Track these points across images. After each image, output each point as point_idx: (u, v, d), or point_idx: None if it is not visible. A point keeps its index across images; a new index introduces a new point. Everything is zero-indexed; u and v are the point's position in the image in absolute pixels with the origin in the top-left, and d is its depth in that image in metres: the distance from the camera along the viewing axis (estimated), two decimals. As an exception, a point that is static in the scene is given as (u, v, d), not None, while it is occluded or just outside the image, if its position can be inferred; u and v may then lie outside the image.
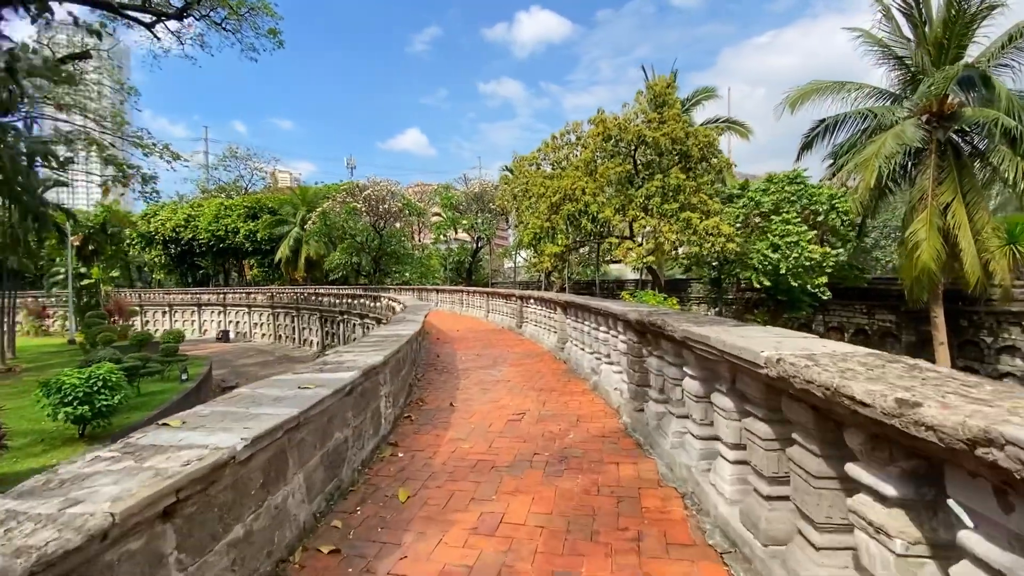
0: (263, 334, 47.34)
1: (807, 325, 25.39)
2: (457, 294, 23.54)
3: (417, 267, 38.07)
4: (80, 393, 12.74)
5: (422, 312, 11.31)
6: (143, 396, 18.44)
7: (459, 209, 36.59)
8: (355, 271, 41.81)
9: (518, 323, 14.73)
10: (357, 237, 38.35)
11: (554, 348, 10.61)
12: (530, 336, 13.19)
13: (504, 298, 16.69)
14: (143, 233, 55.96)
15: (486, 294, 18.86)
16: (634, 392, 5.36)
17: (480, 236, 35.57)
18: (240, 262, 59.34)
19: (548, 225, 19.71)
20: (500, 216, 34.80)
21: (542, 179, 20.46)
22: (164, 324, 54.39)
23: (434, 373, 8.86)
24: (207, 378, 23.60)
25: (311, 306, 39.52)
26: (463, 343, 13.08)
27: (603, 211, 18.16)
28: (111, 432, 14.22)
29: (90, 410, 12.85)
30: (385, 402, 5.32)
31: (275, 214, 50.84)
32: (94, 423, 13.56)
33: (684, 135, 18.90)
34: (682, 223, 17.60)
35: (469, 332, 15.75)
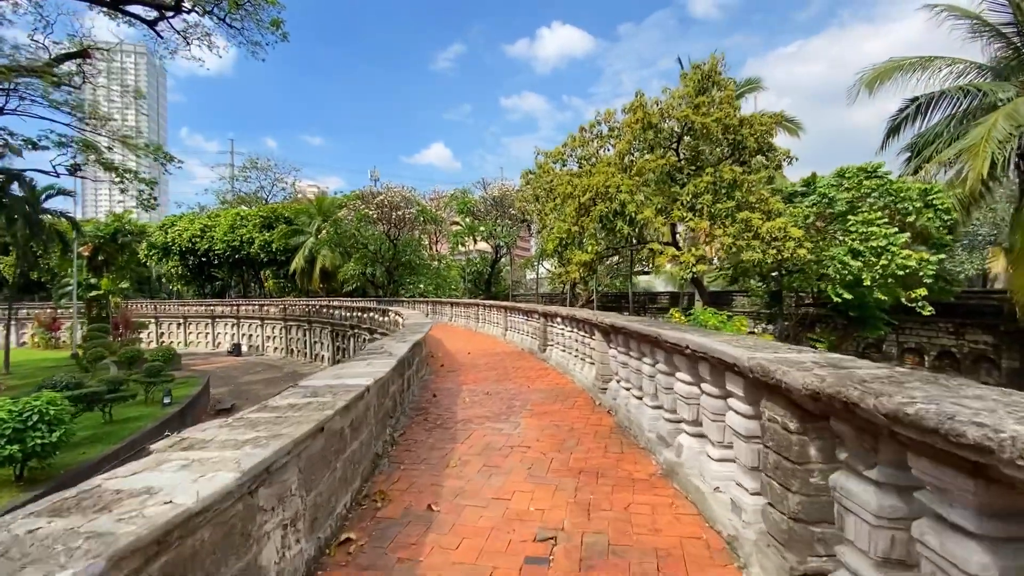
0: (275, 348, 45.63)
1: (876, 346, 21.91)
2: (472, 308, 20.91)
3: (433, 278, 35.66)
4: (8, 430, 10.47)
5: (415, 334, 8.69)
6: (115, 424, 16.28)
7: (477, 215, 34.03)
8: (370, 282, 39.70)
9: (541, 345, 11.97)
10: (370, 246, 36.24)
11: (591, 386, 7.82)
12: (556, 364, 10.41)
13: (525, 314, 13.98)
14: (161, 244, 55.33)
15: (504, 309, 16.18)
16: (786, 528, 2.57)
17: (500, 244, 32.81)
18: (257, 273, 58.21)
19: (576, 230, 16.98)
20: (522, 223, 32.19)
21: (569, 177, 17.79)
22: (179, 336, 53.36)
23: (421, 429, 6.16)
24: (197, 400, 21.44)
25: (323, 319, 37.53)
26: (472, 373, 10.37)
27: (642, 212, 15.35)
28: (54, 474, 11.94)
29: (20, 450, 10.56)
30: (280, 539, 2.66)
31: (291, 224, 49.43)
32: (30, 464, 11.29)
33: (738, 123, 16.01)
34: (739, 225, 14.64)
35: (482, 356, 13.05)
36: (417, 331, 9.22)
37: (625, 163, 16.92)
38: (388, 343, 6.98)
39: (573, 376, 9.03)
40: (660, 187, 16.31)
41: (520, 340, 14.52)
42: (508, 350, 14.10)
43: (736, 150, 16.43)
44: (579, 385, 8.46)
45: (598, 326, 7.29)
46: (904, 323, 19.76)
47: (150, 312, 54.04)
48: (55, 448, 11.14)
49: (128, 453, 13.44)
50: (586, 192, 16.42)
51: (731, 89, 16.11)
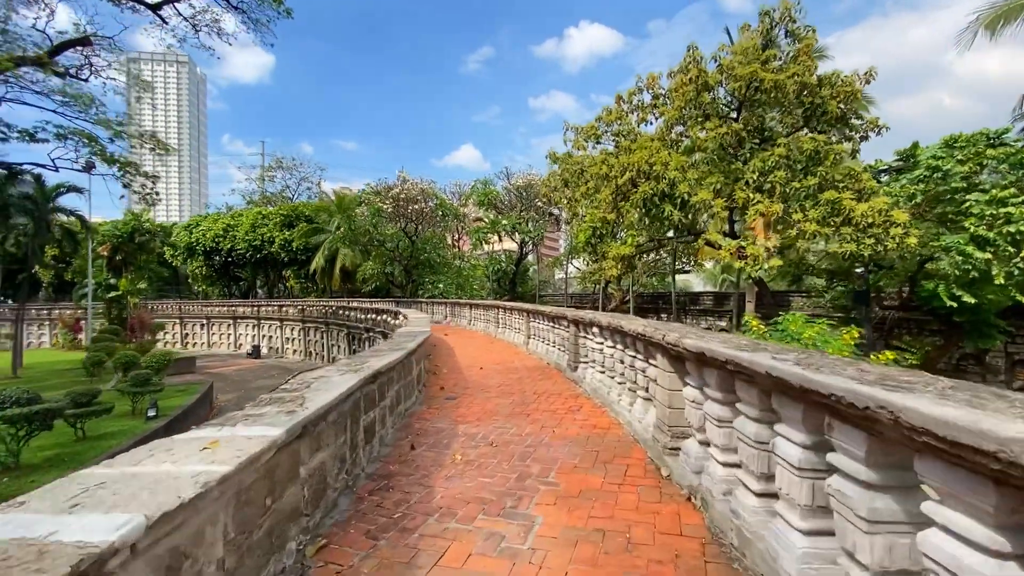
0: (295, 350, 44.22)
1: (976, 357, 18.19)
2: (492, 311, 18.29)
3: (454, 277, 33.22)
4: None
5: (394, 351, 6.12)
6: (87, 442, 14.38)
7: (499, 207, 31.28)
8: (390, 282, 37.63)
9: (572, 362, 9.23)
10: (387, 244, 34.11)
11: (650, 440, 5.07)
12: (592, 391, 7.66)
13: (551, 321, 11.26)
14: (185, 244, 55.00)
15: (526, 313, 13.49)
16: None
17: (525, 239, 29.95)
18: (279, 273, 57.31)
19: (612, 217, 14.16)
20: (549, 217, 29.41)
21: (604, 156, 14.96)
22: (202, 338, 52.81)
23: (360, 534, 3.52)
24: (192, 411, 19.55)
25: (339, 321, 35.68)
26: (479, 401, 7.72)
27: (696, 193, 12.40)
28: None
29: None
30: None
31: (311, 222, 48.04)
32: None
33: (816, 82, 12.87)
34: (823, 208, 11.52)
35: (496, 373, 10.40)
36: (398, 348, 6.65)
37: (672, 137, 13.99)
38: (322, 377, 4.39)
39: (618, 414, 6.27)
40: (717, 164, 13.32)
41: (545, 352, 11.80)
42: (530, 364, 11.40)
43: (812, 117, 13.26)
44: (628, 432, 5.70)
45: (665, 348, 4.51)
46: (1021, 330, 16.09)
47: (174, 313, 53.72)
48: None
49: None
50: (625, 172, 13.57)
51: (810, 39, 12.93)
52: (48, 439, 14.11)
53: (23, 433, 11.78)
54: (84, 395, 14.04)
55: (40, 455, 13.03)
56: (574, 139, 15.94)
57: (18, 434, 11.75)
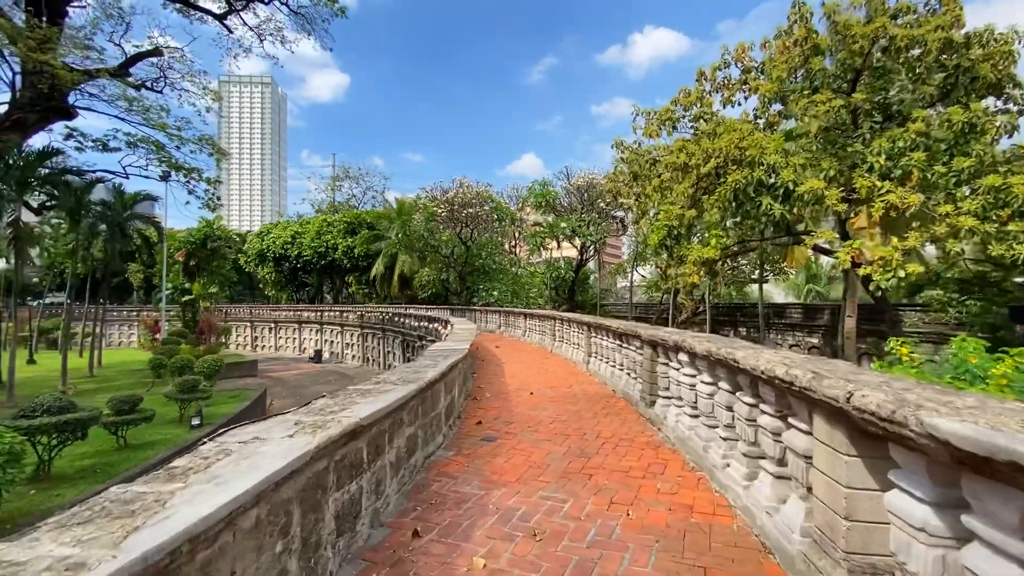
0: (353, 356, 44.49)
1: None
2: (548, 322, 16.45)
3: (509, 284, 31.67)
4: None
5: (407, 384, 4.43)
6: (127, 450, 13.97)
7: (558, 210, 29.28)
8: (444, 288, 36.76)
9: (647, 393, 7.20)
10: (441, 250, 33.18)
11: (796, 553, 3.02)
12: (678, 440, 5.62)
13: (618, 338, 9.26)
14: (257, 251, 57.51)
15: (587, 327, 11.52)
16: None
17: (586, 243, 27.67)
18: (342, 279, 58.57)
19: (691, 215, 11.92)
20: (612, 220, 27.09)
21: (681, 144, 12.76)
22: (270, 341, 54.75)
23: None
24: (239, 419, 19.14)
25: (395, 328, 35.21)
26: (524, 447, 5.89)
27: (802, 181, 9.96)
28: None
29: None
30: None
31: (373, 229, 48.53)
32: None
33: (963, 40, 10.07)
34: (985, 198, 8.74)
35: (550, 401, 8.54)
36: (413, 378, 4.98)
37: (769, 117, 11.61)
38: (245, 445, 2.76)
39: (725, 489, 4.22)
40: (827, 147, 10.76)
41: (610, 375, 9.79)
42: (591, 390, 9.43)
43: (957, 85, 10.39)
44: (748, 525, 3.66)
45: (840, 412, 2.48)
46: None
47: (246, 316, 56.18)
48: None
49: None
50: (709, 159, 11.32)
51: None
52: (89, 446, 13.84)
53: (55, 443, 11.33)
54: (126, 402, 13.66)
55: (76, 464, 12.65)
56: (645, 126, 13.84)
57: (50, 444, 11.31)
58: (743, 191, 10.47)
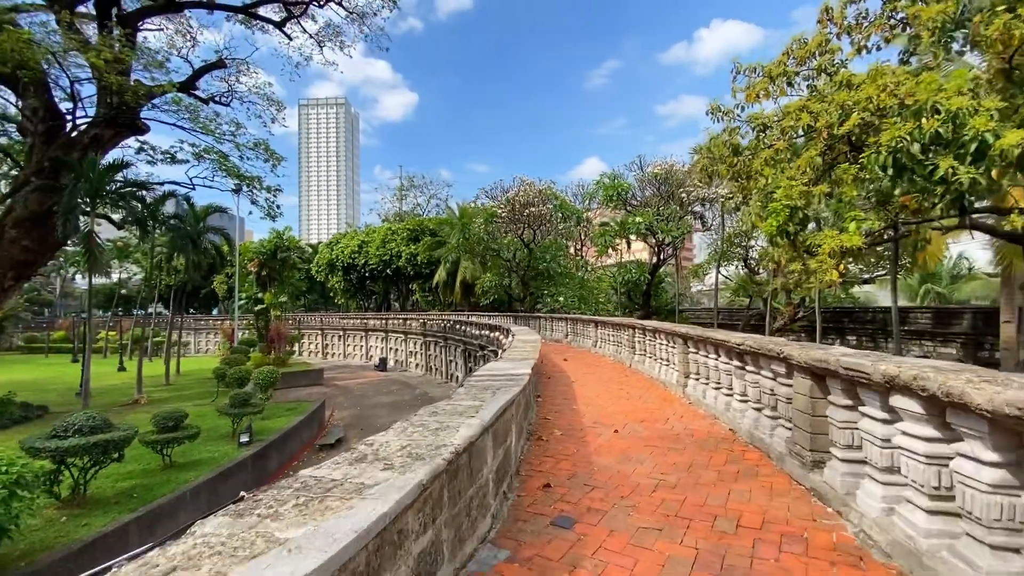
0: (416, 364, 43.77)
1: None
2: (626, 331, 13.95)
3: (576, 289, 29.15)
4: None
5: (425, 462, 2.34)
6: (171, 470, 13.09)
7: (631, 203, 26.29)
8: (507, 294, 34.94)
9: (803, 451, 4.66)
10: (502, 253, 31.35)
11: None
12: (892, 544, 3.08)
13: (737, 358, 6.73)
14: (327, 261, 58.95)
15: (681, 339, 8.98)
16: None
17: (664, 240, 24.47)
18: (407, 286, 58.68)
19: (822, 190, 9.08)
20: (691, 212, 23.78)
21: (802, 102, 9.93)
22: (339, 348, 55.65)
23: None
24: (294, 434, 18.18)
25: (457, 336, 33.83)
26: (616, 541, 3.60)
27: (1004, 133, 6.94)
28: None
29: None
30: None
31: (435, 236, 47.92)
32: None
33: None
34: None
35: (644, 444, 6.19)
36: (426, 452, 2.87)
37: (935, 59, 8.58)
38: None
39: None
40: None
41: (725, 408, 7.24)
42: (700, 430, 6.94)
43: None
44: None
45: None
46: None
47: (316, 325, 57.61)
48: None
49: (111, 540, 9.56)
50: (847, 116, 8.49)
51: None
52: (135, 464, 13.12)
53: (89, 465, 10.45)
54: (170, 418, 12.82)
55: (116, 486, 11.85)
56: (747, 87, 11.10)
57: (84, 466, 10.45)
58: (905, 152, 7.55)
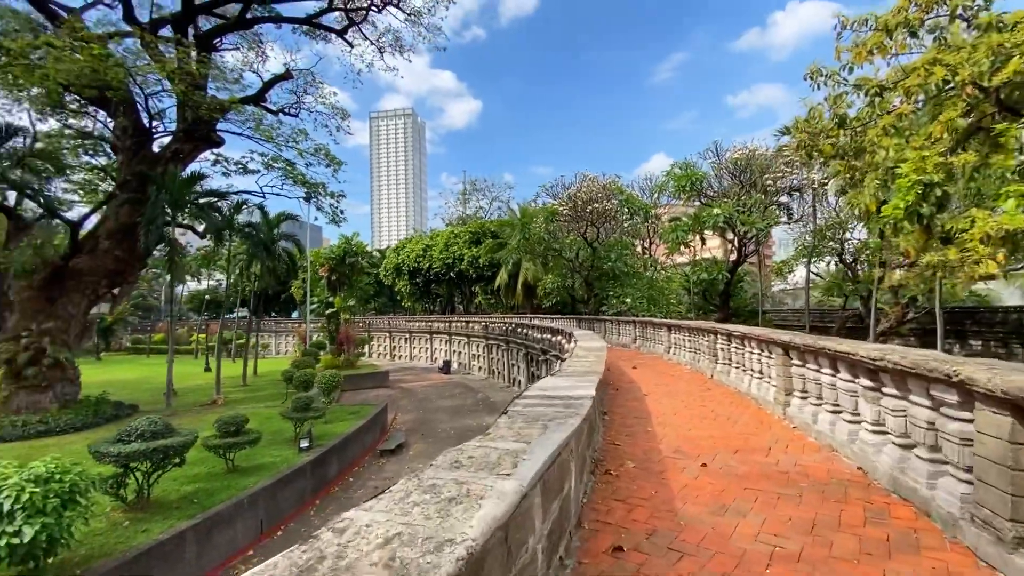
0: (479, 367, 43.45)
1: None
2: (706, 337, 12.32)
3: (644, 290, 27.21)
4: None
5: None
6: (234, 475, 13.14)
7: (705, 194, 23.88)
8: (570, 296, 33.58)
9: (1005, 537, 3.16)
10: (565, 253, 30.04)
11: None
12: None
13: (867, 376, 5.18)
14: (394, 265, 60.37)
15: (781, 348, 7.40)
16: None
17: (747, 233, 21.90)
18: (470, 289, 58.79)
19: (968, 160, 7.18)
20: (777, 206, 21.20)
21: (932, 55, 8.00)
22: (405, 350, 56.70)
23: None
24: (355, 439, 18.02)
25: (518, 340, 32.99)
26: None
27: None
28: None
29: None
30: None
31: (496, 238, 47.49)
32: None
33: None
34: None
35: (740, 485, 4.82)
36: (439, 535, 1.82)
37: None
38: None
39: None
40: None
41: (847, 438, 5.69)
42: (814, 466, 5.44)
43: None
44: None
45: None
46: None
47: (385, 327, 59.13)
48: (37, 549, 7.23)
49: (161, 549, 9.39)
50: (1003, 62, 6.61)
51: None
52: (201, 467, 13.30)
53: (151, 469, 10.53)
54: (231, 423, 12.87)
55: (181, 490, 11.95)
56: (854, 46, 9.24)
57: (148, 471, 10.53)
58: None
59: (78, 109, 24.15)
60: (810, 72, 9.33)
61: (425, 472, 2.42)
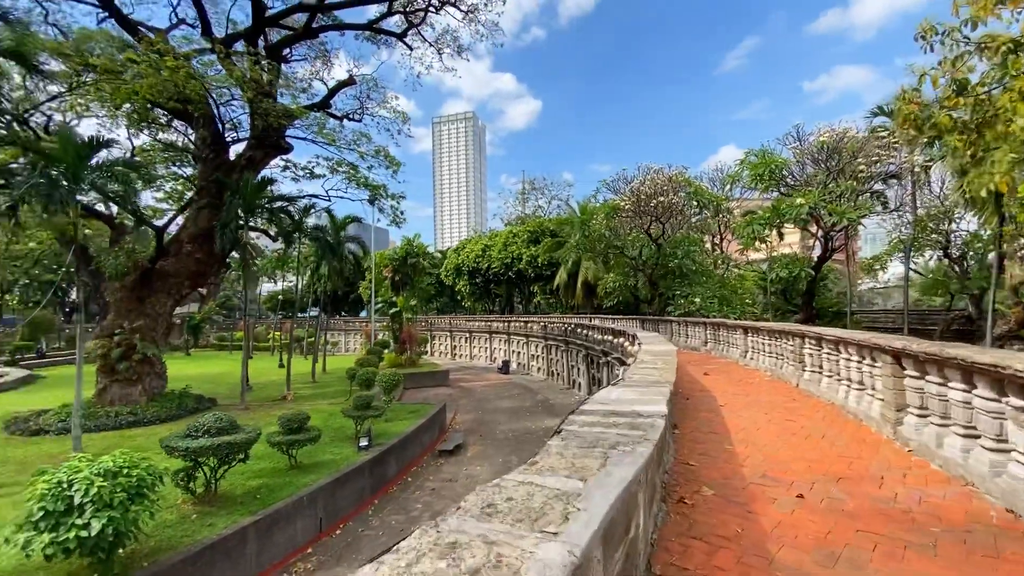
0: (538, 368, 42.88)
1: None
2: (790, 341, 11.02)
3: (714, 289, 25.36)
4: (41, 512, 7.27)
5: None
6: (296, 472, 13.40)
7: (786, 182, 21.66)
8: (632, 296, 32.20)
9: None
10: (627, 251, 28.75)
11: None
12: None
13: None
14: (454, 265, 61.18)
15: (891, 356, 6.23)
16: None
17: (837, 225, 19.41)
18: (528, 289, 58.39)
19: None
20: (870, 195, 18.74)
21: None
22: (465, 350, 57.25)
23: None
24: (414, 438, 18.03)
25: (578, 341, 32.12)
26: None
27: None
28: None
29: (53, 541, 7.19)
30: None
31: (555, 236, 46.77)
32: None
33: None
34: None
35: (849, 526, 3.89)
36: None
37: None
38: None
39: None
40: None
41: (987, 471, 4.57)
42: (939, 499, 4.38)
43: None
44: None
45: None
46: None
47: (446, 327, 60.05)
48: (104, 542, 7.48)
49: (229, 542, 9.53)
50: None
51: None
52: (267, 463, 13.66)
53: (217, 464, 10.86)
54: (294, 420, 13.12)
55: (247, 484, 12.30)
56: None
57: (215, 466, 10.87)
58: None
59: (166, 123, 26.10)
60: (921, 31, 7.92)
61: (448, 520, 1.87)
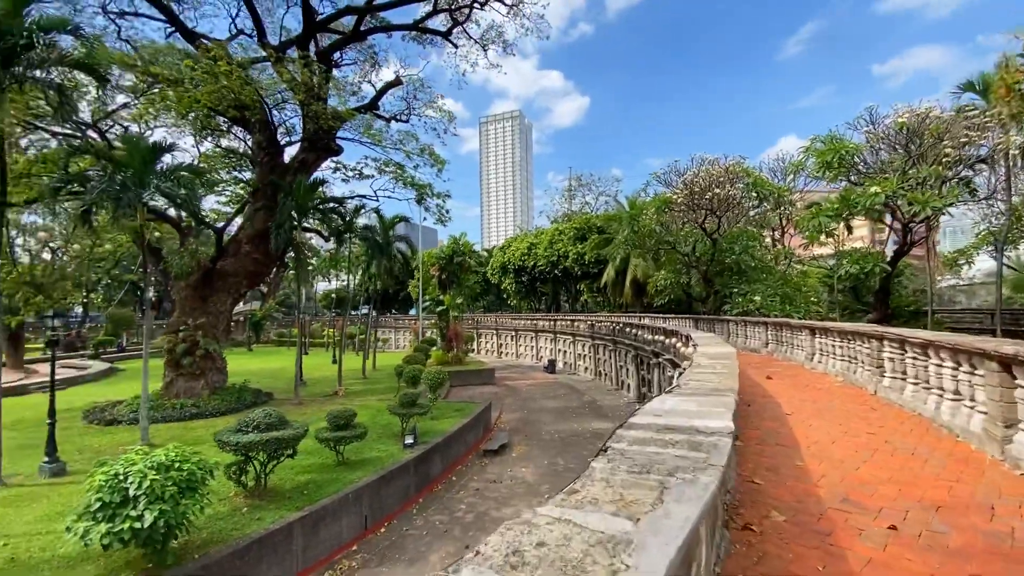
0: (585, 367, 42.06)
1: None
2: (865, 343, 9.95)
3: (775, 286, 23.67)
4: (97, 503, 7.55)
5: None
6: (343, 468, 13.57)
7: (857, 168, 19.64)
8: (685, 294, 30.85)
9: None
10: (679, 247, 27.48)
11: None
12: None
13: None
14: (500, 264, 61.19)
15: (993, 361, 5.33)
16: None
17: (919, 215, 17.24)
18: (575, 287, 57.49)
19: None
20: (956, 181, 16.61)
21: None
22: (511, 348, 57.14)
23: None
24: (459, 437, 17.93)
25: (627, 340, 31.15)
26: None
27: None
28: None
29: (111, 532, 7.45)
30: None
31: (603, 233, 45.73)
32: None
33: None
34: None
35: (962, 570, 3.18)
36: None
37: None
38: None
39: None
40: None
41: None
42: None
43: None
44: None
45: None
46: None
47: (492, 325, 60.20)
48: (157, 533, 7.68)
49: (274, 538, 9.62)
50: None
51: None
52: (315, 458, 13.90)
53: (266, 459, 11.08)
54: (341, 417, 13.28)
55: (296, 479, 12.53)
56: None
57: (265, 460, 11.11)
58: None
59: (226, 130, 27.36)
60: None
61: (461, 573, 1.49)
